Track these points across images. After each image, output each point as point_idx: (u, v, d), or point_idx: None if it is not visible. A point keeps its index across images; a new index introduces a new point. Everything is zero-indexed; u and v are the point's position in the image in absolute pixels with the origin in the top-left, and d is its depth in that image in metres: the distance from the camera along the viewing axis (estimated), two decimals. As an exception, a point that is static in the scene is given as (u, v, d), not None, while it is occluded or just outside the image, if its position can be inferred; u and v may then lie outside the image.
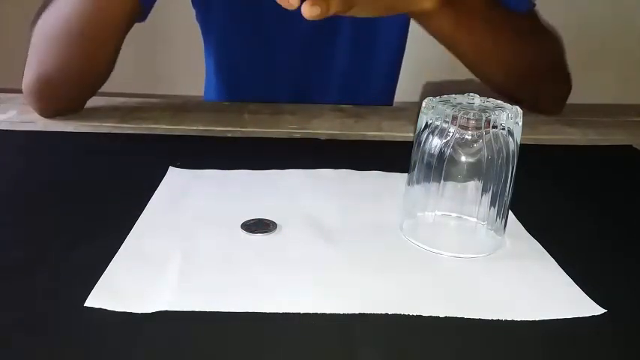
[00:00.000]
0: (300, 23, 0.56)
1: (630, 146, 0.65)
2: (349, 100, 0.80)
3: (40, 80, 0.64)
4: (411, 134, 0.65)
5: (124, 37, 0.66)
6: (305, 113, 0.72)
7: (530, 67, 0.67)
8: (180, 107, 0.73)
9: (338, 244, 0.42)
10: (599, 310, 0.35)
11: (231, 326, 0.33)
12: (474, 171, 0.40)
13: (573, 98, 0.74)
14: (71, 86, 0.66)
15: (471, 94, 0.43)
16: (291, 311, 0.34)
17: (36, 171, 0.53)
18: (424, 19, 0.60)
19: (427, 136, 0.41)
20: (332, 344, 0.32)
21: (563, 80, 0.73)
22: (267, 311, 0.34)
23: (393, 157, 0.53)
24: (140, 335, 0.32)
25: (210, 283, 0.37)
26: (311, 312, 0.34)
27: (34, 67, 0.65)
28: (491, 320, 0.34)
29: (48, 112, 0.68)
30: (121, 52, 0.68)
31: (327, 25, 0.68)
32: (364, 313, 0.34)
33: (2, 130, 0.63)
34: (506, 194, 0.41)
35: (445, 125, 0.40)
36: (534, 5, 0.72)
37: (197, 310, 0.34)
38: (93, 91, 0.69)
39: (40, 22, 0.66)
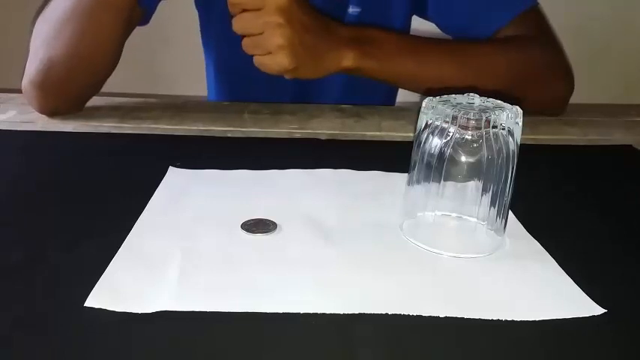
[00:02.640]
0: None
1: (630, 146, 0.65)
2: (350, 100, 0.80)
3: (46, 67, 0.63)
4: (411, 134, 0.65)
5: (128, 24, 0.66)
6: (305, 113, 0.72)
7: (510, 80, 0.67)
8: (180, 107, 0.73)
9: (338, 244, 0.42)
10: (599, 310, 0.35)
11: (231, 326, 0.33)
12: (474, 171, 0.40)
13: (573, 98, 0.74)
14: (77, 73, 0.65)
15: (471, 94, 0.43)
16: (291, 311, 0.34)
17: (36, 171, 0.53)
18: (350, 72, 0.65)
19: (427, 136, 0.41)
20: (332, 344, 0.32)
21: (562, 80, 0.72)
22: (267, 311, 0.34)
23: (393, 157, 0.53)
24: (140, 335, 0.32)
25: (210, 283, 0.37)
26: (311, 312, 0.34)
27: (40, 54, 0.64)
28: (491, 320, 0.34)
29: (49, 107, 0.66)
30: (121, 52, 0.68)
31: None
32: (364, 313, 0.34)
33: (2, 130, 0.63)
34: (506, 194, 0.41)
35: (445, 125, 0.40)
36: (537, 4, 0.71)
37: (197, 310, 0.34)
38: (95, 85, 0.68)
39: (45, 13, 0.65)
